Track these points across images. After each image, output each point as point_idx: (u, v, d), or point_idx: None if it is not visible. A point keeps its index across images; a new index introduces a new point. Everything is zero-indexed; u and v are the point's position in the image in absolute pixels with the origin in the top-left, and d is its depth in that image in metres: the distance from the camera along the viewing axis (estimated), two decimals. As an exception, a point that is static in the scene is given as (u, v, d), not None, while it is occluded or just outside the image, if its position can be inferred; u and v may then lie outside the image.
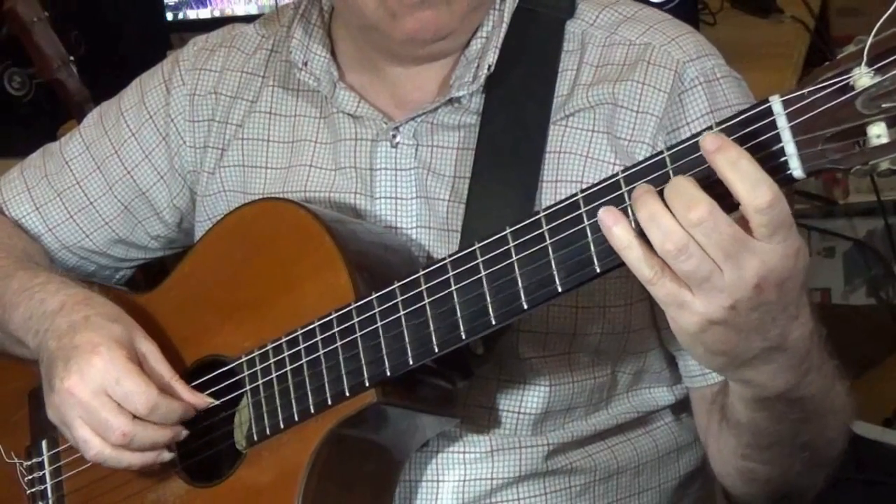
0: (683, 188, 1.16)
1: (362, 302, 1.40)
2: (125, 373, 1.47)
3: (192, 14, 3.03)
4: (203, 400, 1.50)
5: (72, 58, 2.68)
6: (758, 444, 1.40)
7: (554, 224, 1.27)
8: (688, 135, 1.34)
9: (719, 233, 1.15)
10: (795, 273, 1.18)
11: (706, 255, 1.15)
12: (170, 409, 1.48)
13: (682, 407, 1.62)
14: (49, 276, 1.63)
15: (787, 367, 1.26)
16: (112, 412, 1.46)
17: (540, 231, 1.27)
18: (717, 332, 1.19)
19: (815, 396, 1.33)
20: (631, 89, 1.50)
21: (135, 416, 1.46)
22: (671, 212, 1.16)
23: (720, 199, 1.15)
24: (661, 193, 1.17)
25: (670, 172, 1.19)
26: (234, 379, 1.51)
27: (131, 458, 1.49)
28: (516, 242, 1.29)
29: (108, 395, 1.47)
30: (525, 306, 1.30)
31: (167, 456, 1.51)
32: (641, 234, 1.18)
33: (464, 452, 1.53)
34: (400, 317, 1.37)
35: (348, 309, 1.41)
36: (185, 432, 1.50)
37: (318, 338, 1.43)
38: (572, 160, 1.51)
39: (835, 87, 1.12)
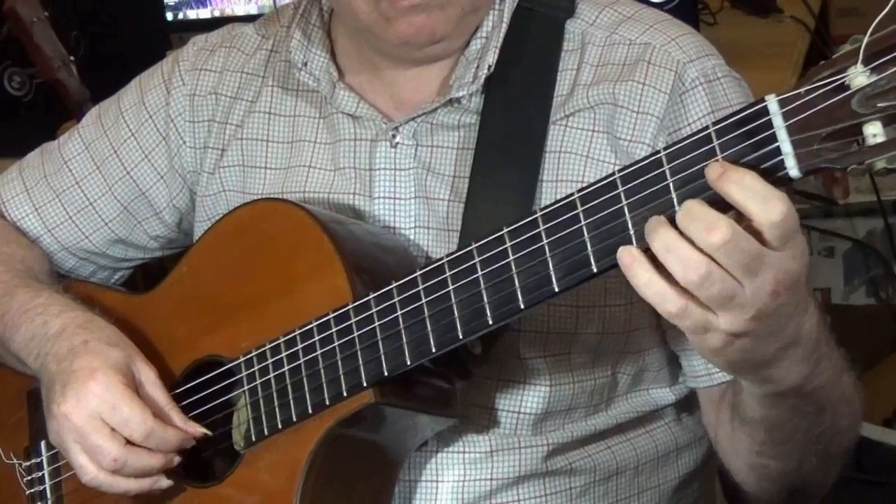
0: (697, 211, 1.15)
1: (360, 302, 1.40)
2: (122, 399, 1.47)
3: (192, 14, 3.04)
4: (197, 429, 1.50)
5: (72, 58, 2.68)
6: (773, 440, 1.41)
7: (551, 224, 1.26)
8: None
9: (740, 250, 1.14)
10: (803, 271, 1.20)
11: (728, 276, 1.15)
12: (165, 437, 1.48)
13: (681, 407, 1.62)
14: (50, 297, 1.62)
15: (801, 360, 1.28)
16: (104, 437, 1.46)
17: (536, 231, 1.27)
18: (739, 343, 1.20)
19: (826, 386, 1.34)
20: (631, 89, 1.50)
21: (127, 442, 1.47)
22: (686, 238, 1.15)
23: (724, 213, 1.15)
24: (672, 221, 1.16)
25: (667, 172, 1.19)
26: (232, 379, 1.51)
27: (127, 484, 1.49)
28: (513, 242, 1.29)
29: (102, 420, 1.47)
30: (522, 306, 1.29)
31: (164, 483, 1.51)
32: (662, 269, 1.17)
33: (463, 452, 1.53)
34: (397, 317, 1.37)
35: (346, 309, 1.41)
36: (177, 459, 1.50)
37: (316, 338, 1.42)
38: (572, 160, 1.51)
39: (830, 86, 1.12)
